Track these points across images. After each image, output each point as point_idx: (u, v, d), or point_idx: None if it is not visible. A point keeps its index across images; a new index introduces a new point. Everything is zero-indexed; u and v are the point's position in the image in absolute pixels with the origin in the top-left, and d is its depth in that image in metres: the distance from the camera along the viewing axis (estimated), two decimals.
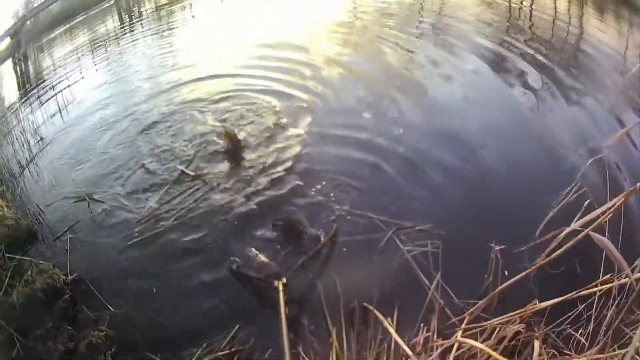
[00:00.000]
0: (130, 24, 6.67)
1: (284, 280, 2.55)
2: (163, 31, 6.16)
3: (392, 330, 2.28)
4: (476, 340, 2.30)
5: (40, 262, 3.00)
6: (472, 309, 2.31)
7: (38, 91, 4.87)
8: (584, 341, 2.63)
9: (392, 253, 2.77)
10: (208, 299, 2.61)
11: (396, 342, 2.28)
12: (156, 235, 2.99)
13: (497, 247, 2.37)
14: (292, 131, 4.00)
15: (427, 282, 2.47)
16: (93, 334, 2.60)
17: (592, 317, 2.55)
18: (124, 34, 6.49)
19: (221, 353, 2.37)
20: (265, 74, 4.98)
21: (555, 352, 2.60)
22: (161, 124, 4.08)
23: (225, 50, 5.41)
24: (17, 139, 4.04)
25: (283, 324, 2.28)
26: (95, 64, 5.53)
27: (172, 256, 2.86)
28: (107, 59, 5.72)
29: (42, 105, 4.61)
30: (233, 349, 2.39)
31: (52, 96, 4.71)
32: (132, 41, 6.29)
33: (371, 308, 2.38)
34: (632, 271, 2.09)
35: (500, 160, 3.59)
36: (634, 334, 2.61)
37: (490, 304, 2.36)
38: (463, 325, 2.34)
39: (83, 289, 2.80)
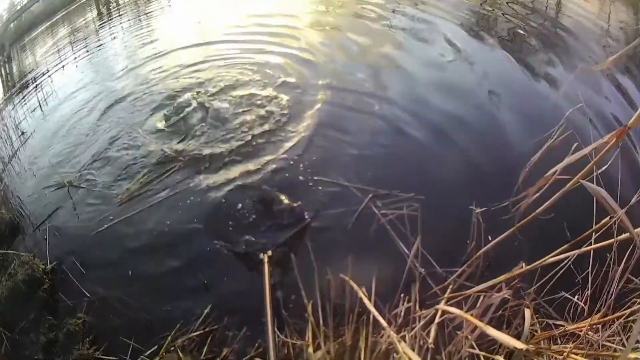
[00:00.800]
0: (109, 15, 6.64)
1: (269, 252, 2.50)
2: (140, 19, 6.11)
3: (367, 302, 2.15)
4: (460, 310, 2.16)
5: (21, 253, 2.95)
6: (454, 277, 2.16)
7: (21, 89, 4.86)
8: (583, 305, 2.46)
9: (369, 222, 2.62)
10: (183, 280, 2.51)
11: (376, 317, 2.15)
12: (132, 218, 2.91)
13: (478, 210, 2.21)
14: (269, 100, 3.93)
15: (406, 250, 2.33)
16: (71, 322, 2.54)
17: (589, 280, 2.37)
18: (102, 24, 6.46)
19: (195, 334, 2.28)
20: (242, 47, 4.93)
21: (549, 322, 2.44)
22: (139, 100, 4.00)
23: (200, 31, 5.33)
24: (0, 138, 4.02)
25: (267, 297, 2.20)
26: (75, 56, 5.49)
27: (148, 239, 2.77)
28: (86, 49, 5.68)
29: (24, 101, 4.58)
30: (207, 329, 2.29)
31: (33, 92, 4.67)
32: (110, 29, 6.24)
33: (347, 279, 2.25)
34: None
35: (479, 123, 3.52)
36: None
37: (474, 271, 2.21)
38: (446, 295, 2.20)
39: (62, 277, 2.74)
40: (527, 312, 2.17)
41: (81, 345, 2.44)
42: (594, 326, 2.31)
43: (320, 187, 2.96)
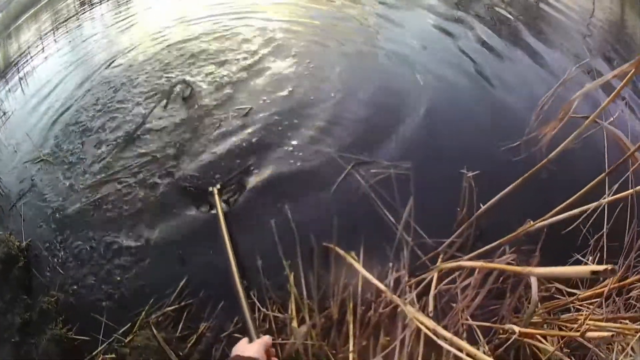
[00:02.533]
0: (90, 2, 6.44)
1: (218, 185, 2.41)
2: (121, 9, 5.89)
3: (359, 267, 1.92)
4: (454, 281, 1.91)
5: None
6: (443, 246, 1.90)
7: (5, 75, 4.68)
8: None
9: (354, 190, 2.38)
10: (157, 253, 2.30)
11: (364, 287, 1.92)
12: (107, 193, 2.69)
13: (470, 174, 1.93)
14: (247, 68, 3.67)
15: (393, 220, 2.07)
16: (45, 301, 2.35)
17: (604, 240, 2.09)
18: (84, 8, 6.26)
19: (169, 309, 2.07)
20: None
21: (560, 287, 2.18)
22: (118, 78, 3.75)
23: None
24: None
25: (224, 234, 2.03)
26: (56, 40, 5.29)
27: (120, 212, 2.56)
28: (67, 32, 5.47)
29: (7, 85, 4.39)
30: (182, 303, 2.08)
31: (16, 75, 4.49)
32: (90, 12, 6.02)
33: (332, 246, 2.01)
34: None
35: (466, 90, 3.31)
36: None
37: (465, 242, 1.94)
38: (439, 264, 1.94)
39: (36, 254, 2.54)
40: (533, 279, 1.90)
41: (54, 325, 2.26)
42: (613, 290, 2.04)
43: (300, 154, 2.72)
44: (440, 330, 1.68)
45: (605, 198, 1.82)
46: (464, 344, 1.62)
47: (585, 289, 2.22)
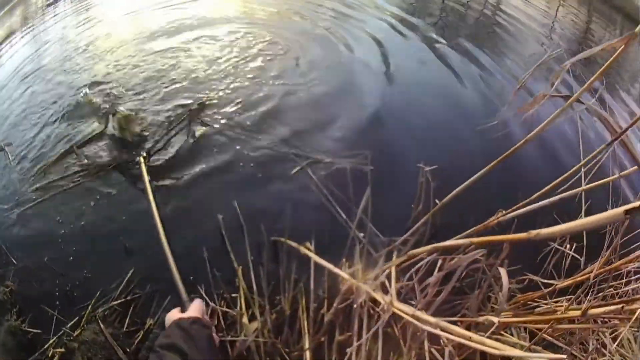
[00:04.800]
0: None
1: (144, 154, 2.31)
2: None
3: (314, 256, 1.73)
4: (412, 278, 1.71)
5: None
6: (397, 243, 1.69)
7: None
8: (578, 257, 1.98)
9: (307, 188, 2.19)
10: (104, 241, 2.14)
11: (317, 282, 1.73)
12: (58, 183, 2.52)
13: (427, 168, 1.70)
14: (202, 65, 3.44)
15: (345, 217, 1.86)
16: (0, 291, 2.22)
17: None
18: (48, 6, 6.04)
19: (115, 303, 1.92)
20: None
21: (536, 279, 1.98)
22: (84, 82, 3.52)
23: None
24: None
25: (153, 207, 1.95)
26: (23, 39, 5.07)
27: (71, 203, 2.39)
28: (34, 33, 5.23)
29: None
30: (128, 298, 1.93)
31: None
32: (54, 14, 5.72)
33: (283, 240, 1.82)
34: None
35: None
36: None
37: (420, 239, 1.73)
38: (398, 258, 1.73)
39: None
40: (502, 271, 1.70)
41: (10, 316, 2.14)
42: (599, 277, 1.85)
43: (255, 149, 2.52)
44: (422, 315, 1.51)
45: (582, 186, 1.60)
46: (452, 327, 1.44)
47: (563, 279, 2.02)
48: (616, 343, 1.73)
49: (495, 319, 1.60)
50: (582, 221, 1.11)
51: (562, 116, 1.60)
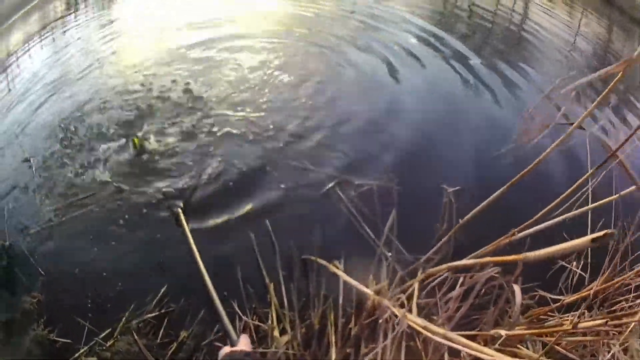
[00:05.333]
0: (76, 6, 6.17)
1: (181, 205, 2.36)
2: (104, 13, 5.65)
3: (341, 274, 1.82)
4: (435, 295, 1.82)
5: None
6: (421, 261, 1.79)
7: None
8: (582, 273, 2.11)
9: (335, 207, 2.29)
10: (138, 257, 2.21)
11: (345, 298, 1.83)
12: (90, 198, 2.58)
13: (450, 189, 1.80)
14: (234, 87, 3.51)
15: (373, 236, 1.96)
16: (27, 301, 2.27)
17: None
18: (70, 14, 6.01)
19: (150, 316, 1.99)
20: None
21: (545, 295, 2.10)
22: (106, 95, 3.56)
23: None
24: None
25: (196, 255, 1.93)
26: (43, 46, 5.05)
27: (104, 218, 2.45)
28: (55, 40, 5.21)
29: None
30: (162, 311, 2.00)
31: (2, 79, 4.29)
32: (76, 22, 5.71)
33: (313, 258, 1.92)
34: None
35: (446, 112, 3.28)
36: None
37: (444, 257, 1.83)
38: (419, 276, 1.84)
39: (18, 254, 2.44)
40: (516, 288, 1.81)
41: (37, 326, 2.19)
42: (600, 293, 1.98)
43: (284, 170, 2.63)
44: (433, 326, 1.61)
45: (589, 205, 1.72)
46: (460, 338, 1.54)
47: (570, 294, 2.15)
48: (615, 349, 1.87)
49: (503, 332, 1.73)
50: (558, 247, 1.29)
51: (568, 141, 1.72)
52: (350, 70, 3.87)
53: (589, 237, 1.13)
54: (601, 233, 1.10)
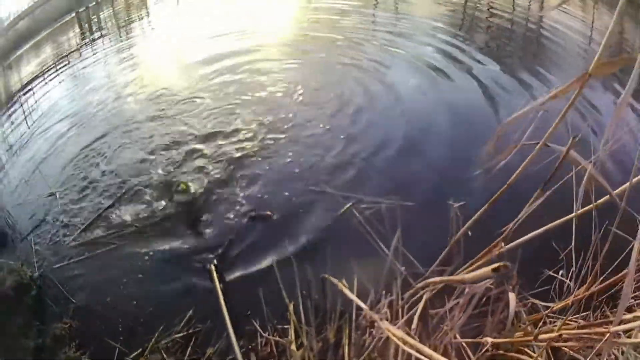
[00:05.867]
0: (91, 36, 6.37)
1: (215, 262, 2.44)
2: (123, 45, 5.85)
3: (349, 293, 2.00)
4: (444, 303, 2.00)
5: (10, 262, 2.81)
6: (430, 270, 1.98)
7: (7, 107, 4.64)
8: (568, 282, 2.29)
9: (349, 224, 2.47)
10: (165, 285, 2.38)
11: (358, 315, 2.00)
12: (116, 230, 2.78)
13: (456, 205, 2.01)
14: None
15: (386, 250, 2.15)
16: (58, 327, 2.42)
17: (573, 255, 2.20)
18: (86, 45, 6.20)
19: (178, 336, 2.15)
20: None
21: (536, 303, 2.28)
22: (126, 126, 3.78)
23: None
24: None
25: (224, 309, 2.09)
26: (59, 77, 5.26)
27: (129, 247, 2.64)
28: (72, 71, 5.42)
29: (10, 119, 4.37)
30: (190, 331, 2.16)
31: (19, 108, 4.47)
32: (93, 53, 5.97)
33: (328, 277, 2.10)
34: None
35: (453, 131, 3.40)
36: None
37: (457, 267, 2.02)
38: (426, 285, 2.02)
39: (48, 285, 2.60)
40: (512, 296, 2.01)
41: (68, 349, 2.33)
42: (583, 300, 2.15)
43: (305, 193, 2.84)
44: (420, 346, 1.77)
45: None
46: (422, 346, 1.70)
47: (558, 301, 2.34)
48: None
49: (489, 340, 1.93)
50: (467, 275, 1.55)
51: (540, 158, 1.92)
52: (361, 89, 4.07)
53: (490, 267, 1.35)
54: (498, 264, 1.31)
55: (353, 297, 1.99)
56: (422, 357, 1.51)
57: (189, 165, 3.22)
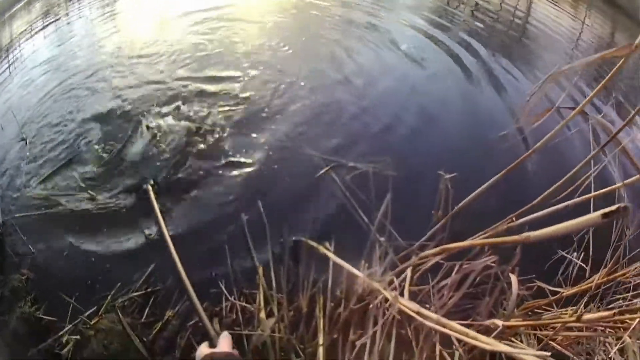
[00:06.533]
0: None
1: (152, 181, 2.35)
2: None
3: (332, 255, 1.75)
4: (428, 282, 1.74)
5: None
6: (414, 247, 1.71)
7: None
8: (582, 265, 2.01)
9: (330, 190, 2.21)
10: (126, 237, 2.15)
11: (334, 282, 1.76)
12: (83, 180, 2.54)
13: (448, 176, 1.72)
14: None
15: (367, 221, 1.88)
16: (15, 278, 2.22)
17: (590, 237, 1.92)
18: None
19: (135, 294, 1.93)
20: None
21: (543, 286, 2.01)
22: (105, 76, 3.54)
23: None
24: None
25: (163, 230, 1.90)
26: (45, 30, 5.04)
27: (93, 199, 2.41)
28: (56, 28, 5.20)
29: None
30: (149, 290, 1.94)
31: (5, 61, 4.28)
32: (79, 8, 5.71)
33: (305, 239, 1.85)
34: None
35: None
36: None
37: (440, 242, 1.74)
38: (412, 260, 1.75)
39: (9, 233, 2.40)
40: (513, 278, 1.73)
41: (24, 303, 2.14)
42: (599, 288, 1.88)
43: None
44: (426, 312, 1.53)
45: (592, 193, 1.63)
46: (453, 323, 1.46)
47: (570, 286, 2.06)
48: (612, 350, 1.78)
49: (500, 322, 1.64)
50: (566, 224, 1.13)
51: (571, 126, 1.64)
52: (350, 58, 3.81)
53: (600, 212, 1.02)
54: (613, 207, 0.99)
55: (342, 262, 1.74)
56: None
57: (165, 111, 2.98)
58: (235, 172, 2.44)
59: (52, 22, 5.34)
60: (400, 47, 4.00)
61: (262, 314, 1.81)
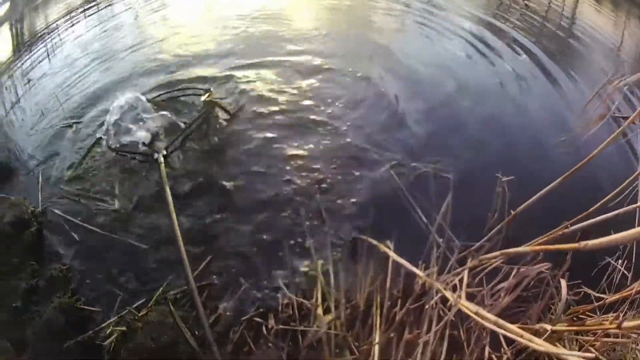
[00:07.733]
0: None
1: (164, 152, 2.39)
2: None
3: (392, 254, 1.75)
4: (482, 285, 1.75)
5: (11, 196, 2.55)
6: (471, 249, 1.73)
7: (30, 45, 4.41)
8: (626, 272, 2.04)
9: (390, 190, 2.23)
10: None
11: (392, 282, 1.76)
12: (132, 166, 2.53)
13: (505, 178, 1.75)
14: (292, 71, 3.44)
15: (426, 221, 1.90)
16: (55, 268, 2.17)
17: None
18: None
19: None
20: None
21: (588, 291, 2.03)
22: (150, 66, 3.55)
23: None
24: (5, 88, 3.59)
25: (169, 201, 1.94)
26: (86, 19, 5.00)
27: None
28: (98, 14, 5.15)
29: (32, 57, 4.13)
30: (203, 283, 1.91)
31: (43, 47, 4.24)
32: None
33: (365, 238, 1.85)
34: None
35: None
36: None
37: (494, 246, 1.77)
38: (471, 262, 1.77)
39: (51, 222, 2.35)
40: (563, 283, 1.75)
41: (63, 294, 2.08)
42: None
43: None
44: (484, 312, 1.53)
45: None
46: (510, 325, 1.47)
47: (612, 293, 2.09)
48: None
49: (548, 327, 1.66)
50: (623, 234, 1.15)
51: (624, 135, 1.67)
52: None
53: None
54: None
55: (403, 261, 1.74)
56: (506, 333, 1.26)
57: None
58: (294, 166, 2.44)
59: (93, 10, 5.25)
60: (462, 50, 3.99)
61: (319, 310, 1.79)
